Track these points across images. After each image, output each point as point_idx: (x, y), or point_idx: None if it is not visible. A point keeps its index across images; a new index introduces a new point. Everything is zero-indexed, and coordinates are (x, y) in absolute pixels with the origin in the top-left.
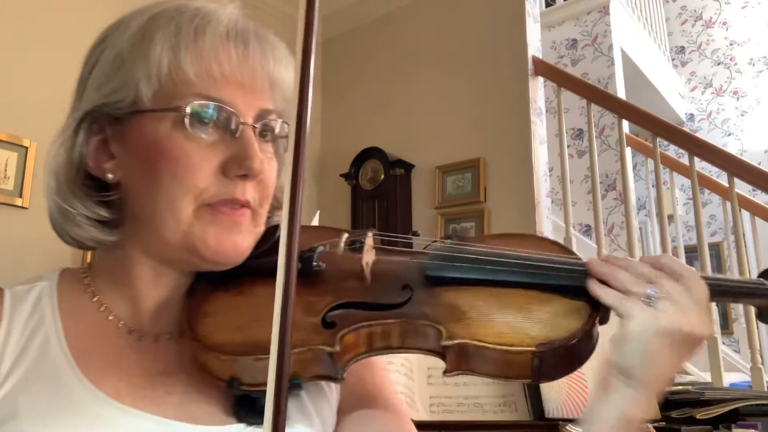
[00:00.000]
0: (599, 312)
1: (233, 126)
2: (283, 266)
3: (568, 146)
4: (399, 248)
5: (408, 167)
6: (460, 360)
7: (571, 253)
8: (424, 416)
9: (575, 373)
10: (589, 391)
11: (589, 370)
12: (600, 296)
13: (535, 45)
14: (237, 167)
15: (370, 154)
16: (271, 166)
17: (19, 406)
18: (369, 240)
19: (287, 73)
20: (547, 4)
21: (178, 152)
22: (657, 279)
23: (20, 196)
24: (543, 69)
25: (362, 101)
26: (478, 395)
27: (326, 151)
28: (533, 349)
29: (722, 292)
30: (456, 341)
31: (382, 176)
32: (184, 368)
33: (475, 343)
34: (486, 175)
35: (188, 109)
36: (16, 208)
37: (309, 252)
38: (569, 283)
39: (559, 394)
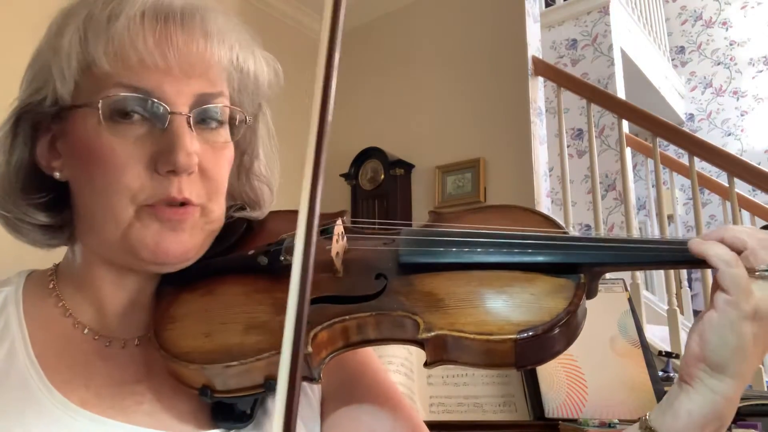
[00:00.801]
0: (585, 288)
1: (160, 117)
2: (297, 277)
3: (568, 146)
4: (370, 235)
5: (408, 167)
6: (440, 351)
7: (556, 224)
8: (424, 416)
9: (575, 372)
10: (588, 391)
11: (590, 370)
12: (705, 252)
13: (535, 45)
14: (164, 162)
15: (370, 154)
16: (217, 156)
17: None
18: (338, 228)
19: (227, 49)
20: (547, 4)
21: (105, 150)
22: None
23: None
24: (543, 69)
25: (362, 101)
26: (478, 395)
27: (326, 151)
28: (514, 336)
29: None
30: (434, 333)
31: (382, 176)
32: (155, 374)
33: (454, 333)
34: (486, 175)
35: (100, 103)
36: None
37: (276, 245)
38: (551, 259)
39: (559, 394)
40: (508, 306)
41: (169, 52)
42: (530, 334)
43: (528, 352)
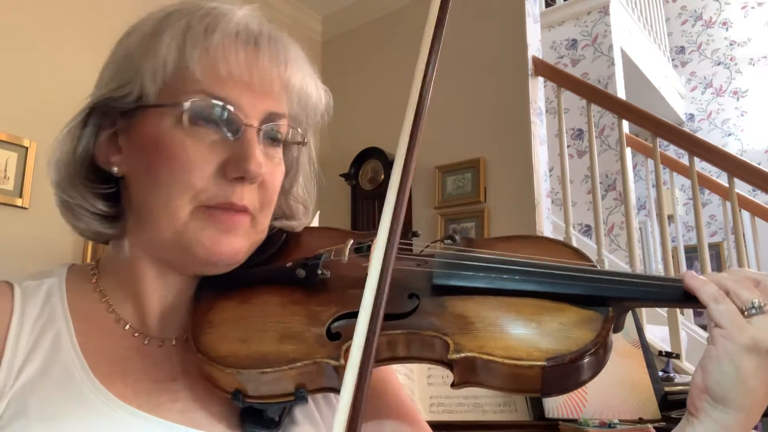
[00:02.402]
0: (613, 322)
1: (235, 127)
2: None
3: (568, 146)
4: (405, 254)
5: None
6: (468, 373)
7: (581, 254)
8: (424, 416)
9: None
10: (588, 391)
11: None
12: (696, 289)
13: (535, 45)
14: (234, 169)
15: (370, 154)
16: (274, 171)
17: (29, 405)
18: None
19: (300, 78)
20: (547, 4)
21: (177, 149)
22: (766, 286)
23: (20, 196)
24: (543, 69)
25: (362, 101)
26: (478, 395)
27: (326, 151)
28: (543, 363)
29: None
30: (464, 354)
31: (382, 176)
32: (189, 375)
33: (484, 356)
34: (486, 175)
35: (187, 105)
36: (16, 208)
37: (314, 260)
38: (582, 291)
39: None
40: (537, 333)
41: (255, 70)
42: (558, 362)
43: (555, 379)
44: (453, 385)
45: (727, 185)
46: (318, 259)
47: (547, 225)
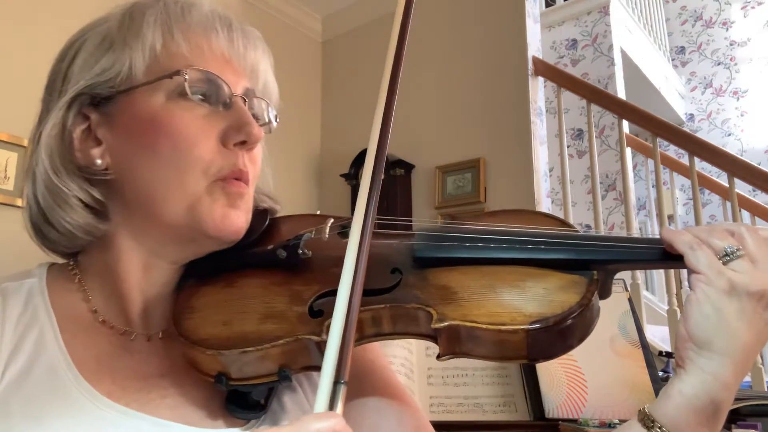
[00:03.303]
0: (597, 285)
1: (225, 98)
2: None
3: (568, 146)
4: (386, 231)
5: (408, 167)
6: (453, 342)
7: (565, 223)
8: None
9: (575, 372)
10: (588, 391)
11: (590, 370)
12: (672, 239)
13: (535, 45)
14: (236, 133)
15: None
16: (258, 146)
17: (12, 406)
18: None
19: (264, 66)
20: (547, 4)
21: (178, 123)
22: (742, 234)
23: (21, 196)
24: (543, 69)
25: (362, 101)
26: (478, 395)
27: (326, 151)
28: (527, 327)
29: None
30: (447, 323)
31: (382, 176)
32: (177, 368)
33: (467, 324)
34: (486, 175)
35: (184, 76)
36: (17, 209)
37: (295, 240)
38: (565, 256)
39: (559, 395)
40: (521, 299)
41: (233, 48)
42: (542, 325)
43: (540, 343)
44: (439, 357)
45: (727, 185)
46: (299, 239)
47: None
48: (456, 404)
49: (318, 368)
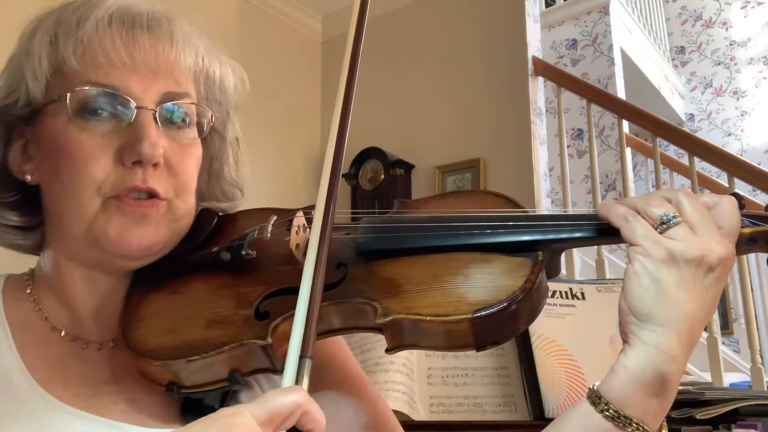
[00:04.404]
0: (542, 266)
1: (126, 111)
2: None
3: (568, 146)
4: (335, 224)
5: (408, 167)
6: (398, 335)
7: (518, 205)
8: (424, 416)
9: (575, 371)
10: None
11: (590, 370)
12: (607, 213)
13: (535, 45)
14: (129, 153)
15: (370, 154)
16: (184, 153)
17: None
18: (297, 220)
19: (192, 55)
20: (547, 4)
21: (73, 144)
22: (679, 200)
23: None
24: (543, 69)
25: (362, 101)
26: (478, 395)
27: (326, 151)
28: (470, 316)
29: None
30: (391, 317)
31: (382, 176)
32: (130, 376)
33: (411, 317)
34: (486, 175)
35: (69, 96)
36: None
37: (239, 240)
38: (506, 239)
39: (559, 394)
40: (464, 287)
41: (136, 52)
42: (486, 312)
43: (486, 331)
44: (387, 351)
45: (727, 185)
46: (243, 240)
47: None
48: (456, 404)
49: (268, 371)
